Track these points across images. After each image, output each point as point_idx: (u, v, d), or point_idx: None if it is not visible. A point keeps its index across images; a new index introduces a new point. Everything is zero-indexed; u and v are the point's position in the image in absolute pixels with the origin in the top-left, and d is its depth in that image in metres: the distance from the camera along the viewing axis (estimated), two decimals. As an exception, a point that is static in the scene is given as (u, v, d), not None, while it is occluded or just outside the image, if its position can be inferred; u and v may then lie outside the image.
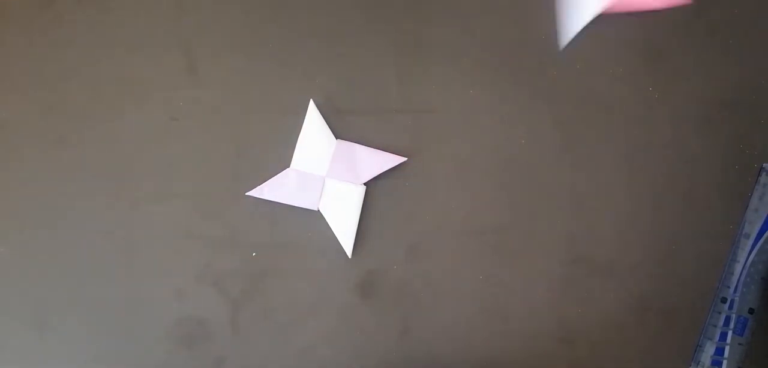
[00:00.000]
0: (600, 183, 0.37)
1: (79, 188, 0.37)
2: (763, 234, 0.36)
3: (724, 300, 0.36)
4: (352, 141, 0.37)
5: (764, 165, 0.37)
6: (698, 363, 0.36)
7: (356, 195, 0.36)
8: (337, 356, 0.36)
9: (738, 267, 0.36)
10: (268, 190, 0.36)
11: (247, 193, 0.36)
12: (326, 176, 0.36)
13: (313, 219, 0.36)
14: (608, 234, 0.37)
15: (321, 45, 0.37)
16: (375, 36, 0.37)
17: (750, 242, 0.36)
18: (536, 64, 0.37)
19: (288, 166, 0.36)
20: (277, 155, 0.36)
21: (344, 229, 0.36)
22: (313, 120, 0.36)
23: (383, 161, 0.36)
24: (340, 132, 0.37)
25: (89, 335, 0.36)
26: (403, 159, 0.36)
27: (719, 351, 0.36)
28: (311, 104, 0.36)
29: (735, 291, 0.36)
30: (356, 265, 0.37)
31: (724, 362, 0.36)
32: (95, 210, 0.36)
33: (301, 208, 0.36)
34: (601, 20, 0.36)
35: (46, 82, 0.37)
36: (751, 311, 0.36)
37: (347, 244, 0.36)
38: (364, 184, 0.36)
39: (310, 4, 0.37)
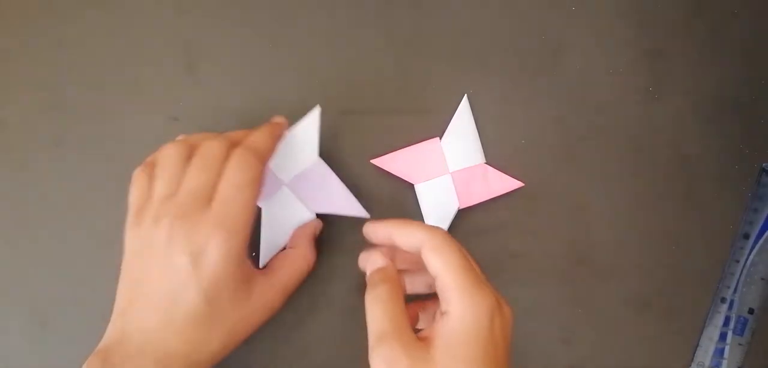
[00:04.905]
0: (600, 183, 0.37)
1: (79, 188, 0.37)
2: (763, 234, 0.36)
3: (724, 300, 0.36)
4: (351, 142, 0.37)
5: (764, 165, 0.37)
6: (698, 363, 0.36)
7: (305, 215, 0.35)
8: (337, 356, 0.36)
9: (738, 267, 0.36)
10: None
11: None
12: (288, 181, 0.35)
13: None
14: (608, 235, 0.37)
15: (321, 45, 0.37)
16: (375, 36, 0.37)
17: (750, 242, 0.36)
18: (536, 64, 0.37)
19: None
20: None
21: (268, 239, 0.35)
22: (312, 126, 0.35)
23: (344, 204, 0.35)
24: (340, 131, 0.37)
25: (89, 335, 0.36)
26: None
27: (719, 351, 0.36)
28: (316, 111, 0.34)
29: (735, 291, 0.36)
30: (356, 265, 0.37)
31: (724, 362, 0.36)
32: (95, 210, 0.36)
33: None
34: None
35: (46, 82, 0.37)
36: (751, 311, 0.36)
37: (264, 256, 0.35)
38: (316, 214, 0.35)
39: (310, 4, 0.37)
